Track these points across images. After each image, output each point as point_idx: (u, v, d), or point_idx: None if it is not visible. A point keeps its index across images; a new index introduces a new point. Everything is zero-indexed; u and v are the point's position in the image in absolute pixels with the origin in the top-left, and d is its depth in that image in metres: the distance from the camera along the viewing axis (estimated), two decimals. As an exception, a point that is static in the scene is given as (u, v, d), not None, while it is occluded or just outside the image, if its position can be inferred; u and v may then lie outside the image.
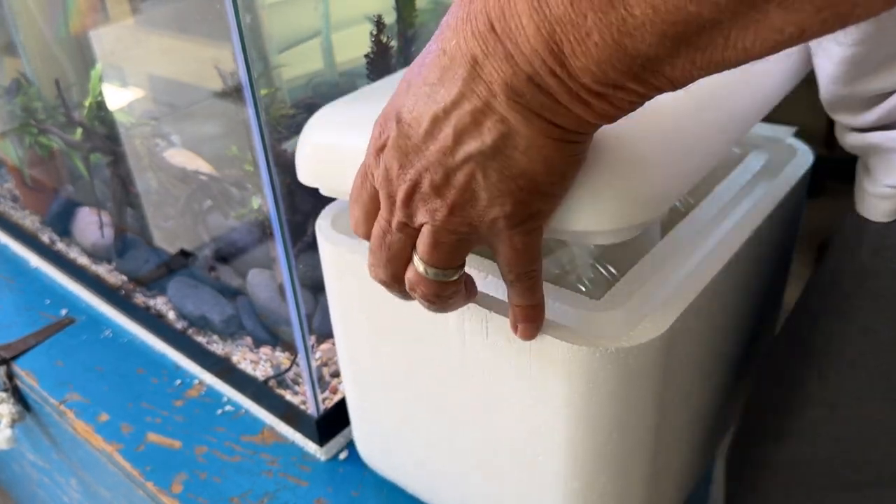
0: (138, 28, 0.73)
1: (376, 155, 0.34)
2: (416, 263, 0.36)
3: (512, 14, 0.28)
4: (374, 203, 0.36)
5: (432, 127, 0.32)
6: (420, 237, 0.35)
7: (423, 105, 0.32)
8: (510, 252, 0.35)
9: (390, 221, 0.35)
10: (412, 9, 0.64)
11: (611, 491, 0.44)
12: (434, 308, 0.38)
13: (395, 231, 0.35)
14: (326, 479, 0.63)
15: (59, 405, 0.73)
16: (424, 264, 0.35)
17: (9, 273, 0.96)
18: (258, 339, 0.70)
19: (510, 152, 0.31)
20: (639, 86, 0.28)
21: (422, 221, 0.34)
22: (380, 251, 0.37)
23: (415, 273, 0.36)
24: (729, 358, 0.53)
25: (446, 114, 0.31)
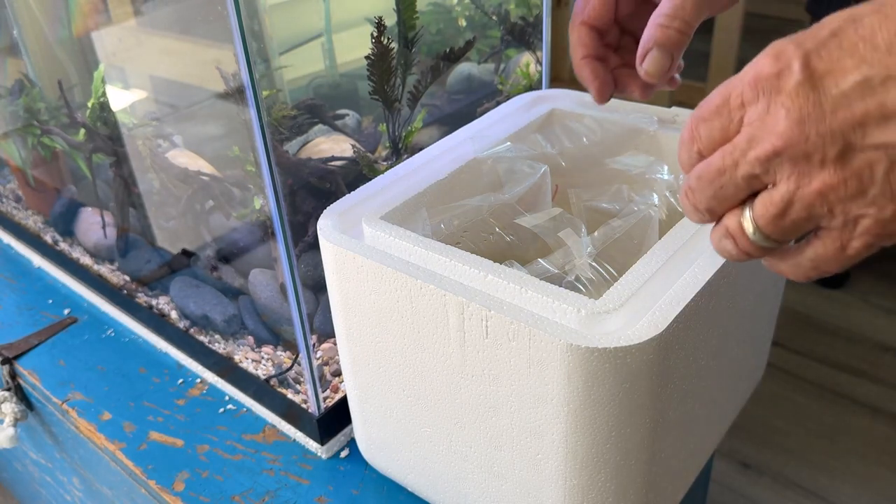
0: (140, 29, 0.74)
1: (758, 90, 0.30)
2: (746, 221, 0.32)
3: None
4: (724, 133, 0.32)
5: (856, 92, 0.28)
6: (767, 198, 0.31)
7: (852, 63, 0.28)
8: (835, 252, 0.31)
9: (738, 164, 0.31)
10: (413, 11, 0.64)
11: (610, 489, 0.45)
12: (730, 255, 0.35)
13: (739, 178, 0.32)
14: (327, 477, 0.63)
15: (62, 404, 0.74)
16: (756, 227, 0.32)
17: (12, 273, 0.96)
18: (260, 338, 0.71)
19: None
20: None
21: (779, 183, 0.30)
22: (709, 186, 0.33)
23: (738, 227, 0.33)
24: (728, 357, 0.53)
25: (884, 87, 0.27)
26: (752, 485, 1.37)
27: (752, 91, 0.31)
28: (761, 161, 0.30)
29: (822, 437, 1.44)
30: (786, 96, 0.29)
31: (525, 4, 0.81)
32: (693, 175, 0.34)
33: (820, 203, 0.30)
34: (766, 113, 0.30)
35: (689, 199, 0.34)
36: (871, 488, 1.34)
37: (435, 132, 0.76)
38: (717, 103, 0.32)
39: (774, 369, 1.58)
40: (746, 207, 0.32)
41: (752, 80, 0.31)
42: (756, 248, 0.33)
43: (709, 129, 0.33)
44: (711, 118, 0.33)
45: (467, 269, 0.44)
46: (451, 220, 0.53)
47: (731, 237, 0.33)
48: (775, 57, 0.30)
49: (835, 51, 0.28)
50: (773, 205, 0.31)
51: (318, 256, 0.54)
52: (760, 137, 0.30)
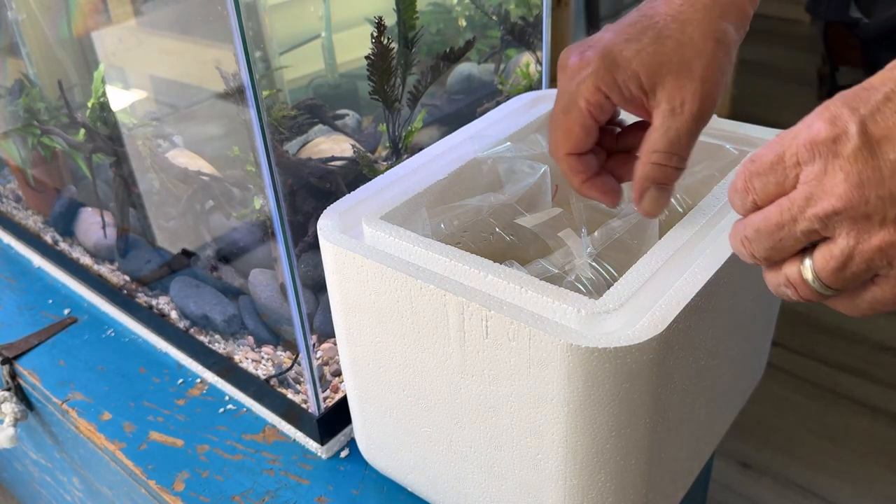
0: (140, 29, 0.74)
1: (814, 151, 0.32)
2: (806, 270, 0.34)
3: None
4: (780, 188, 0.34)
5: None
6: (827, 251, 0.33)
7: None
8: (893, 295, 0.34)
9: (797, 220, 0.33)
10: (413, 11, 0.64)
11: (610, 489, 0.45)
12: (789, 298, 0.37)
13: (798, 232, 0.33)
14: (327, 477, 0.63)
15: (62, 404, 0.74)
16: (816, 277, 0.34)
17: (12, 273, 0.96)
18: (260, 338, 0.71)
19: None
20: None
21: (838, 238, 0.32)
22: (768, 238, 0.35)
23: (799, 275, 0.35)
24: (728, 357, 0.53)
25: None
26: (752, 485, 1.37)
27: (808, 152, 0.32)
28: (820, 218, 0.32)
29: (822, 437, 1.44)
30: (844, 160, 0.31)
31: (525, 4, 0.81)
32: (751, 227, 0.35)
33: (879, 257, 0.32)
34: (824, 174, 0.32)
35: (746, 248, 0.36)
36: (872, 488, 1.34)
37: (435, 132, 0.76)
38: (772, 160, 0.34)
39: (774, 369, 1.58)
40: (806, 258, 0.34)
41: (808, 142, 0.32)
42: (816, 295, 0.35)
43: (764, 183, 0.35)
44: (766, 173, 0.34)
45: (467, 269, 0.44)
46: (451, 221, 0.53)
47: (791, 286, 0.36)
48: (831, 122, 0.31)
49: (890, 116, 0.30)
50: (833, 258, 0.33)
51: (318, 256, 0.54)
52: (819, 197, 0.32)
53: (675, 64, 0.43)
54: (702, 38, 0.43)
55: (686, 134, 0.43)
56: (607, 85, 0.44)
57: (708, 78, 0.43)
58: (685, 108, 0.43)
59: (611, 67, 0.43)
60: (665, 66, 0.43)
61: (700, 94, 0.43)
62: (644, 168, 0.45)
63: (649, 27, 0.44)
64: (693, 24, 0.43)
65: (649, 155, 0.44)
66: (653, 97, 0.44)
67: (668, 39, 0.43)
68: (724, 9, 0.44)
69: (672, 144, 0.43)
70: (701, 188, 0.54)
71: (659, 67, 0.43)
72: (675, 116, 0.43)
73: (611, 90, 0.44)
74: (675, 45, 0.43)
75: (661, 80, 0.43)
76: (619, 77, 0.43)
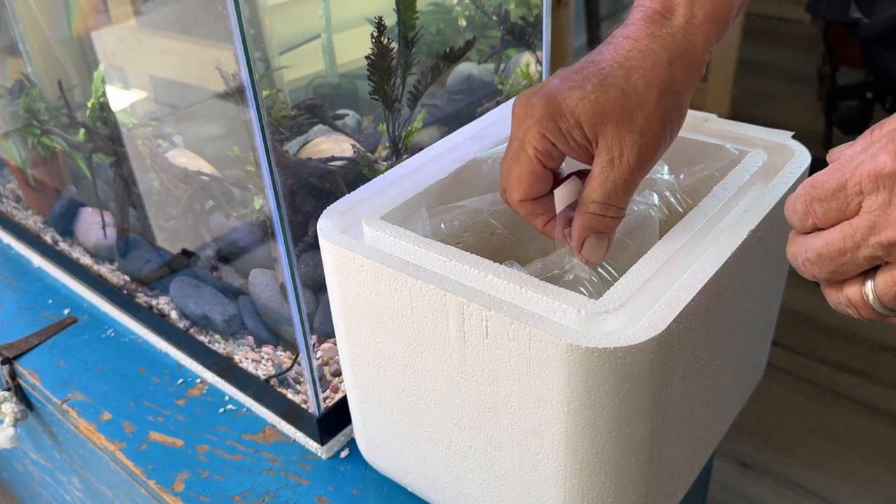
0: (140, 29, 0.74)
1: (879, 182, 0.33)
2: (868, 292, 0.35)
3: None
4: (842, 214, 0.35)
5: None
6: (889, 277, 0.34)
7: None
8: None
9: (860, 247, 0.34)
10: (413, 11, 0.64)
11: (610, 489, 0.45)
12: (850, 315, 0.38)
13: (861, 258, 0.35)
14: (327, 477, 0.63)
15: (62, 404, 0.74)
16: (878, 299, 0.35)
17: (11, 273, 0.96)
18: (260, 338, 0.71)
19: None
20: None
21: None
22: (830, 263, 0.36)
23: (860, 297, 0.36)
24: (728, 357, 0.53)
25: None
26: (752, 485, 1.37)
27: (871, 184, 0.33)
28: (884, 246, 0.33)
29: (822, 437, 1.44)
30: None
31: (525, 4, 0.81)
32: (813, 251, 0.37)
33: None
34: (889, 204, 0.33)
35: (808, 270, 0.38)
36: (871, 488, 1.34)
37: (435, 132, 0.76)
38: (834, 187, 0.35)
39: (774, 369, 1.58)
40: (868, 280, 0.36)
41: (872, 174, 0.33)
42: (877, 315, 0.36)
43: (825, 209, 0.35)
44: (828, 199, 0.35)
45: (467, 269, 0.44)
46: (451, 221, 0.53)
47: (852, 306, 0.37)
48: (892, 143, 0.32)
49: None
50: (895, 284, 0.34)
51: (318, 256, 0.54)
52: (883, 226, 0.33)
53: (617, 113, 0.42)
54: (645, 88, 0.42)
55: (622, 185, 0.43)
56: (552, 133, 0.43)
57: (647, 130, 0.43)
58: (623, 159, 0.43)
59: (554, 115, 0.43)
60: (607, 115, 0.42)
61: (639, 145, 0.42)
62: (582, 217, 0.45)
63: (594, 74, 0.43)
64: (638, 73, 0.43)
65: (587, 205, 0.44)
66: (595, 146, 0.43)
67: (612, 87, 0.42)
68: (674, 55, 0.43)
69: (609, 195, 0.43)
70: (701, 188, 0.54)
71: (601, 116, 0.42)
72: (613, 167, 0.43)
73: (556, 138, 0.43)
74: (618, 93, 0.42)
75: (603, 129, 0.43)
76: (563, 125, 0.43)
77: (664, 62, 0.43)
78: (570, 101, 0.43)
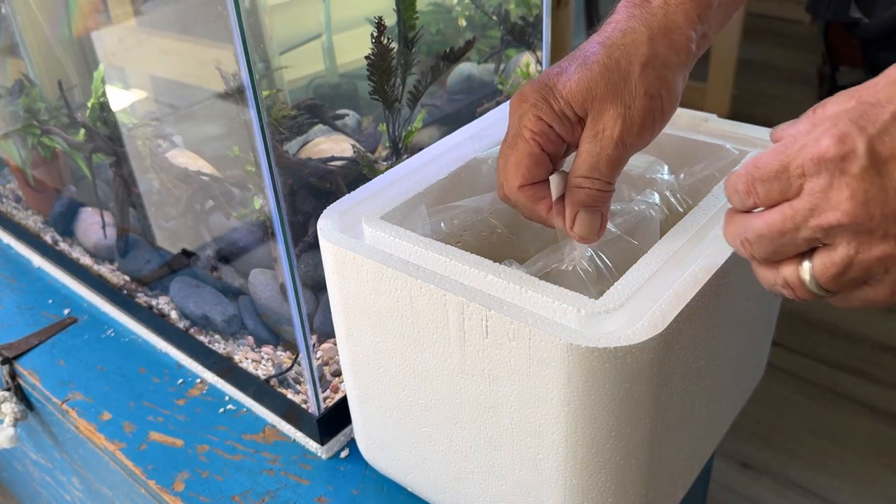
0: (140, 29, 0.74)
1: (820, 165, 0.33)
2: (805, 273, 0.36)
3: None
4: (784, 195, 0.35)
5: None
6: (827, 258, 0.34)
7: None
8: (886, 295, 0.35)
9: (800, 228, 0.34)
10: (413, 11, 0.64)
11: (610, 489, 0.45)
12: (783, 295, 0.38)
13: (800, 239, 0.35)
14: (327, 477, 0.63)
15: (62, 404, 0.74)
16: (816, 281, 0.35)
17: (12, 273, 0.96)
18: (260, 338, 0.71)
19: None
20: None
21: (838, 247, 0.34)
22: (770, 243, 0.36)
23: (797, 277, 0.36)
24: (728, 357, 0.53)
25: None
26: (752, 485, 1.37)
27: (814, 166, 0.33)
28: (823, 229, 0.34)
29: (822, 437, 1.44)
30: (851, 178, 0.32)
31: (525, 4, 0.81)
32: (752, 231, 0.37)
33: (878, 266, 0.34)
34: (830, 187, 0.33)
35: (747, 250, 0.38)
36: (871, 488, 1.34)
37: (435, 132, 0.76)
38: (777, 168, 0.35)
39: (774, 369, 1.58)
40: (805, 261, 0.36)
41: (815, 157, 0.33)
42: (811, 295, 0.37)
43: (767, 190, 0.36)
44: (770, 180, 0.35)
45: (467, 269, 0.44)
46: (451, 220, 0.53)
47: (788, 287, 0.37)
48: (840, 140, 0.32)
49: None
50: (833, 265, 0.34)
51: (318, 256, 0.54)
52: (824, 209, 0.33)
53: (602, 88, 0.43)
54: (627, 63, 0.43)
55: (606, 158, 0.44)
56: (546, 115, 0.44)
57: (631, 103, 0.43)
58: (606, 132, 0.43)
59: (546, 97, 0.44)
60: (592, 91, 0.43)
61: (622, 118, 0.43)
62: (570, 194, 0.45)
63: (579, 56, 0.45)
64: (619, 49, 0.44)
65: (573, 179, 0.45)
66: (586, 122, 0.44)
67: (595, 65, 0.43)
68: (655, 31, 0.44)
69: (593, 168, 0.44)
70: (701, 188, 0.54)
71: (588, 93, 0.43)
72: (597, 140, 0.44)
73: (551, 119, 0.44)
74: (601, 69, 0.43)
75: (590, 105, 0.43)
76: (555, 105, 0.44)
77: (644, 38, 0.44)
78: (559, 82, 0.44)
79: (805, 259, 0.36)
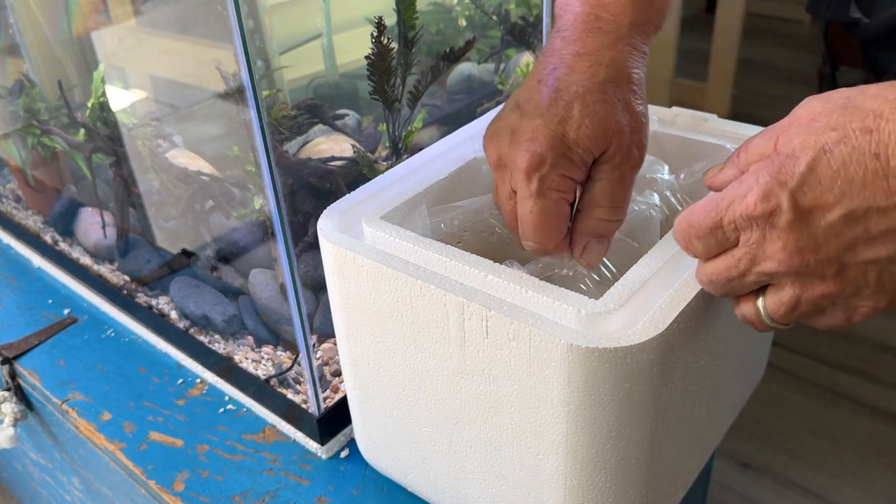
0: (140, 29, 0.74)
1: (751, 221, 0.34)
2: (760, 308, 0.38)
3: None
4: (722, 248, 0.37)
5: (842, 224, 0.32)
6: (776, 297, 0.37)
7: (833, 198, 0.32)
8: (842, 321, 0.37)
9: (745, 275, 0.36)
10: (413, 11, 0.64)
11: (610, 489, 0.45)
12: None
13: (748, 282, 0.37)
14: (327, 477, 0.63)
15: (62, 404, 0.74)
16: (769, 316, 0.38)
17: (11, 273, 0.96)
18: (260, 338, 0.71)
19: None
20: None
21: (784, 287, 0.36)
22: (721, 288, 0.39)
23: (754, 312, 0.39)
24: (728, 357, 0.53)
25: (866, 217, 0.32)
26: (752, 485, 1.37)
27: (745, 222, 0.35)
28: (767, 274, 0.36)
29: (822, 437, 1.44)
30: (781, 231, 0.34)
31: (525, 4, 0.81)
32: (704, 276, 0.39)
33: (824, 300, 0.35)
34: (764, 240, 0.35)
35: (708, 289, 0.40)
36: (871, 488, 1.34)
37: (435, 132, 0.76)
38: (710, 226, 0.37)
39: (774, 369, 1.58)
40: (760, 297, 0.38)
41: (744, 215, 0.35)
42: (772, 328, 0.39)
43: (706, 245, 0.38)
44: (706, 237, 0.37)
45: (467, 269, 0.44)
46: (451, 220, 0.53)
47: (749, 321, 0.40)
48: (764, 197, 0.34)
49: (815, 186, 0.32)
50: (782, 304, 0.36)
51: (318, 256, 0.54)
52: (762, 259, 0.35)
53: (614, 124, 0.43)
54: (622, 92, 0.44)
55: (627, 190, 0.45)
56: (569, 170, 0.43)
57: (636, 128, 0.44)
58: (625, 164, 0.44)
59: (565, 152, 0.43)
60: (606, 130, 0.43)
61: (636, 146, 0.44)
62: (585, 222, 0.45)
63: (569, 94, 0.43)
64: (612, 83, 0.44)
65: (593, 211, 0.45)
66: (592, 161, 0.44)
67: (598, 104, 0.43)
68: (627, 55, 0.45)
69: (616, 201, 0.45)
70: (701, 188, 0.54)
71: (603, 133, 0.43)
72: (616, 174, 0.44)
73: (573, 172, 0.43)
74: (605, 106, 0.43)
75: (607, 142, 0.43)
76: (576, 158, 0.43)
77: (624, 62, 0.44)
78: (569, 131, 0.43)
79: (760, 295, 0.38)
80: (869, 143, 0.31)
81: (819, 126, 0.33)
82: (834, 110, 0.33)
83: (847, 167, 0.32)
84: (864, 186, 0.31)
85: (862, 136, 0.31)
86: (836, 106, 0.33)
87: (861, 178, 0.31)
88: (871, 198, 0.31)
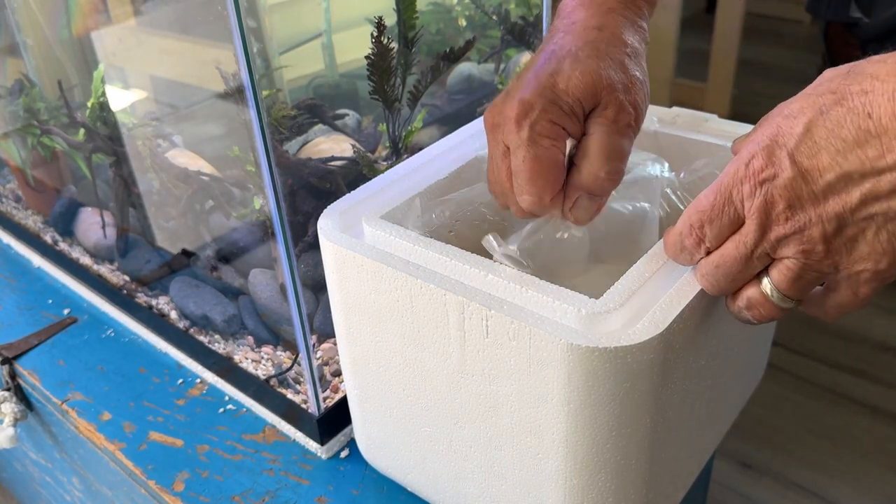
0: (140, 29, 0.74)
1: (756, 185, 0.36)
2: (766, 288, 0.38)
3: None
4: (732, 227, 0.38)
5: (839, 183, 0.33)
6: (781, 268, 0.37)
7: (829, 158, 0.33)
8: (850, 298, 0.38)
9: (754, 250, 0.37)
10: (413, 11, 0.64)
11: (610, 489, 0.45)
12: (753, 322, 0.41)
13: (755, 259, 0.38)
14: (327, 477, 0.63)
15: (62, 404, 0.74)
16: (777, 291, 0.38)
17: (11, 273, 0.96)
18: (259, 338, 0.71)
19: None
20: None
21: (788, 256, 0.36)
22: (728, 273, 0.39)
23: (760, 295, 0.39)
24: (728, 357, 0.53)
25: (862, 177, 0.33)
26: (752, 485, 1.37)
27: (751, 189, 0.36)
28: (772, 243, 0.36)
29: (822, 437, 1.44)
30: (783, 189, 0.35)
31: (525, 4, 0.81)
32: (709, 264, 0.40)
33: (826, 266, 0.36)
34: (769, 205, 0.35)
35: (706, 283, 0.41)
36: (871, 488, 1.34)
37: (435, 132, 0.76)
38: (721, 202, 0.38)
39: (774, 369, 1.58)
40: (763, 278, 0.39)
41: (751, 177, 0.36)
42: (778, 310, 0.39)
43: (718, 227, 0.38)
44: (717, 217, 0.38)
45: (467, 269, 0.44)
46: (443, 212, 0.53)
47: (754, 307, 0.40)
48: (767, 159, 0.35)
49: (811, 146, 0.34)
50: (789, 271, 0.37)
51: (318, 256, 0.54)
52: (768, 225, 0.36)
53: (606, 79, 0.44)
54: (617, 54, 0.45)
55: (625, 145, 0.45)
56: (559, 117, 0.43)
57: (631, 89, 0.44)
58: (621, 121, 0.44)
59: (554, 100, 0.43)
60: (598, 83, 0.43)
61: (632, 105, 0.44)
62: (579, 178, 0.45)
63: (560, 54, 0.44)
64: (604, 43, 0.45)
65: (590, 167, 0.44)
66: (585, 115, 0.44)
67: (590, 59, 0.44)
68: (626, 26, 0.46)
69: (612, 157, 0.44)
70: (701, 186, 0.54)
71: (594, 85, 0.43)
72: (612, 129, 0.44)
73: (564, 121, 0.43)
74: (597, 62, 0.44)
75: (599, 96, 0.43)
76: (565, 106, 0.43)
77: (619, 31, 0.46)
78: (559, 82, 0.43)
79: (763, 276, 0.38)
80: (864, 103, 0.32)
81: (820, 90, 0.35)
82: (839, 75, 0.35)
83: (841, 128, 0.33)
84: (857, 145, 0.33)
85: (858, 97, 0.33)
86: (842, 72, 0.35)
87: (854, 137, 0.33)
88: (863, 156, 0.32)
